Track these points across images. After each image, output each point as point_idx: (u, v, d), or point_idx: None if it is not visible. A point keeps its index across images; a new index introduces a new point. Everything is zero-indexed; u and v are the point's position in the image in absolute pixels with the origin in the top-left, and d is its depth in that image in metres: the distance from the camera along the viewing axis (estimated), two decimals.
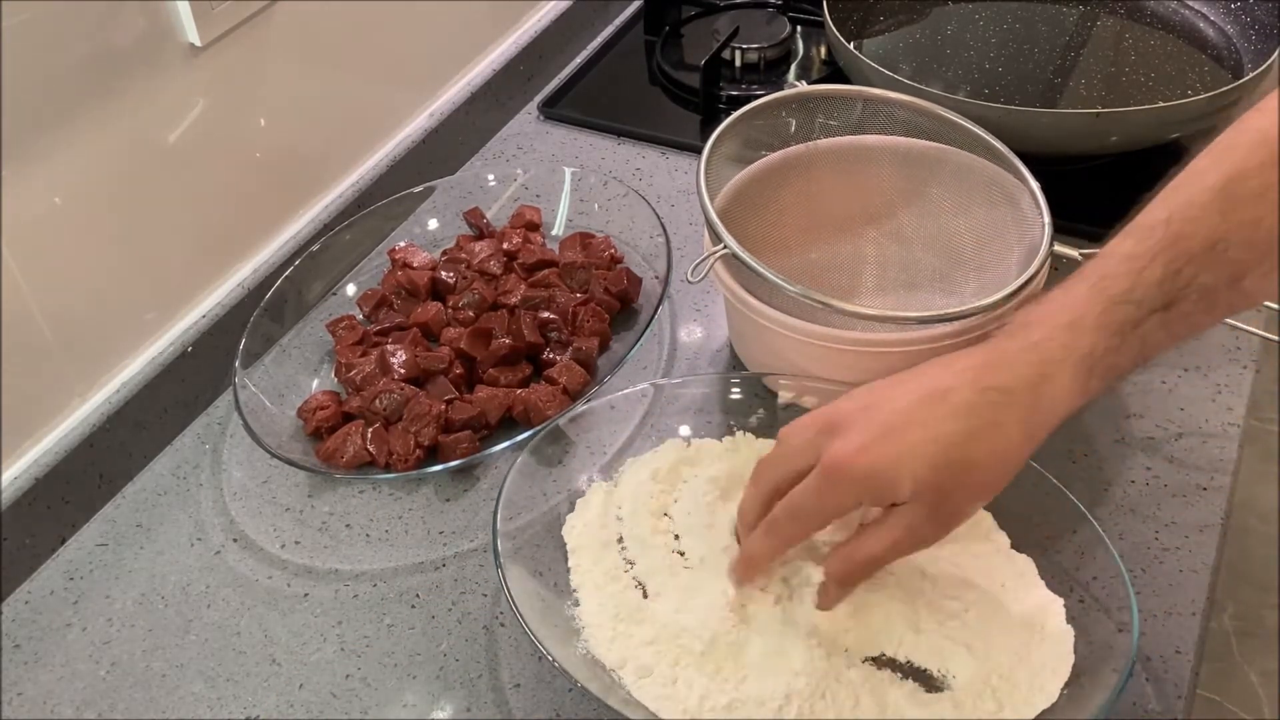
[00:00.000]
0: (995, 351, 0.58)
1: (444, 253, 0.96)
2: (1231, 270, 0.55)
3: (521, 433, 0.79)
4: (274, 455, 0.78)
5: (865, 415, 0.59)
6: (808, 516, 0.61)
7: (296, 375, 0.88)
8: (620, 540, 0.72)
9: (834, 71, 1.13)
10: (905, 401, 0.59)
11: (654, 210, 0.94)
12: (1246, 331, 0.81)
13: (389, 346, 0.85)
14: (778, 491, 0.62)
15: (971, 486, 0.58)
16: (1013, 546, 0.70)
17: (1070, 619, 0.66)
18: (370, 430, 0.80)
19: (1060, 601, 0.67)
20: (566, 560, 0.71)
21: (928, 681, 0.65)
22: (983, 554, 0.70)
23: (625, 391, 0.80)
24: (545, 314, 0.87)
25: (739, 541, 0.67)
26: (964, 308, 0.74)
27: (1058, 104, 1.01)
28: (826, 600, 0.64)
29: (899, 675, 0.65)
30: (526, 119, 1.16)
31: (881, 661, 0.66)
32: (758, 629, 0.65)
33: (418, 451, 0.79)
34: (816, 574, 0.65)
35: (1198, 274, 0.55)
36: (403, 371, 0.83)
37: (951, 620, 0.66)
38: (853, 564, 0.61)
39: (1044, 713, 0.62)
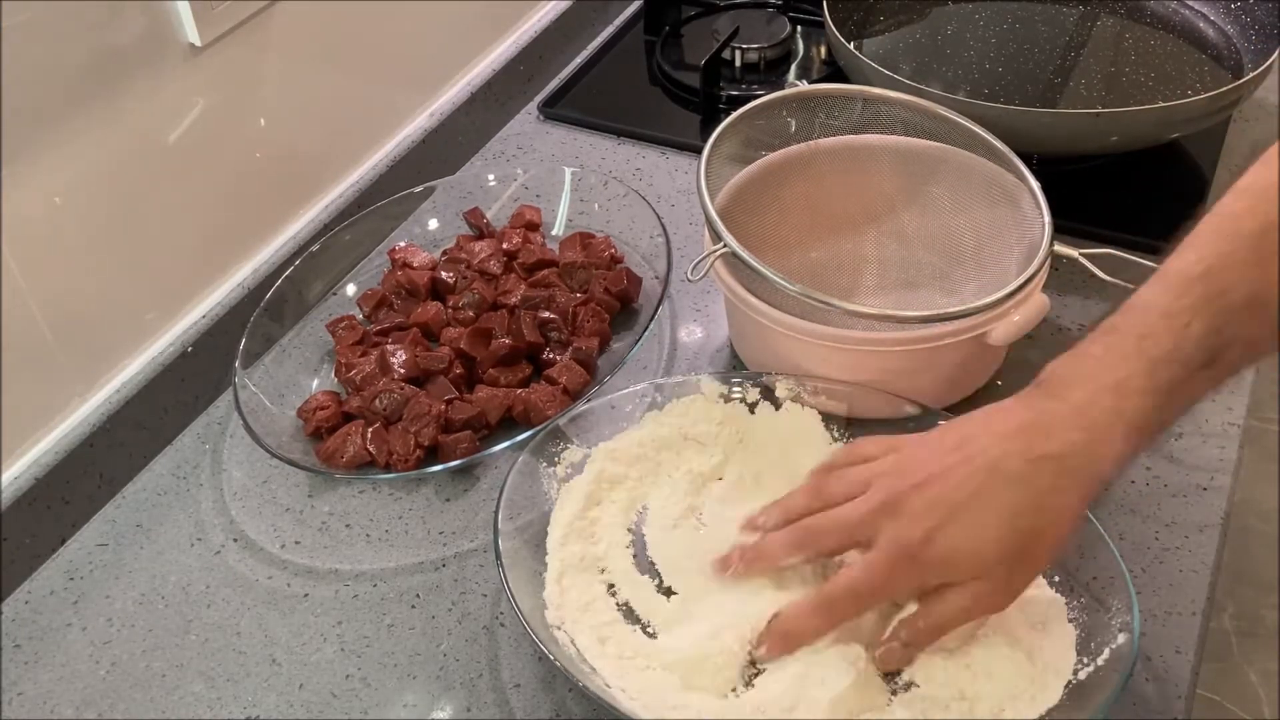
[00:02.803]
0: (1039, 414, 0.58)
1: (444, 253, 0.96)
2: (1276, 321, 0.54)
3: (521, 433, 0.79)
4: (274, 455, 0.78)
5: (923, 495, 0.59)
6: (867, 598, 0.61)
7: (296, 375, 0.88)
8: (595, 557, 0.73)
9: (834, 71, 1.13)
10: (960, 477, 0.58)
11: (654, 210, 0.94)
12: None
13: (389, 346, 0.85)
14: (814, 552, 0.63)
15: (1037, 553, 0.59)
16: None
17: (1070, 619, 0.66)
18: (370, 430, 0.80)
19: (1061, 601, 0.67)
20: None
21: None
22: None
23: (625, 391, 0.80)
24: (545, 314, 0.87)
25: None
26: (964, 307, 0.74)
27: (1058, 104, 1.01)
28: (890, 660, 0.63)
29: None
30: (526, 119, 1.16)
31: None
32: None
33: (418, 451, 0.79)
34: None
35: (1241, 329, 0.54)
36: (403, 371, 0.83)
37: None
38: (922, 632, 0.61)
39: (1045, 712, 0.62)
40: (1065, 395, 0.57)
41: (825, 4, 1.05)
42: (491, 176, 1.02)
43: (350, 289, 0.95)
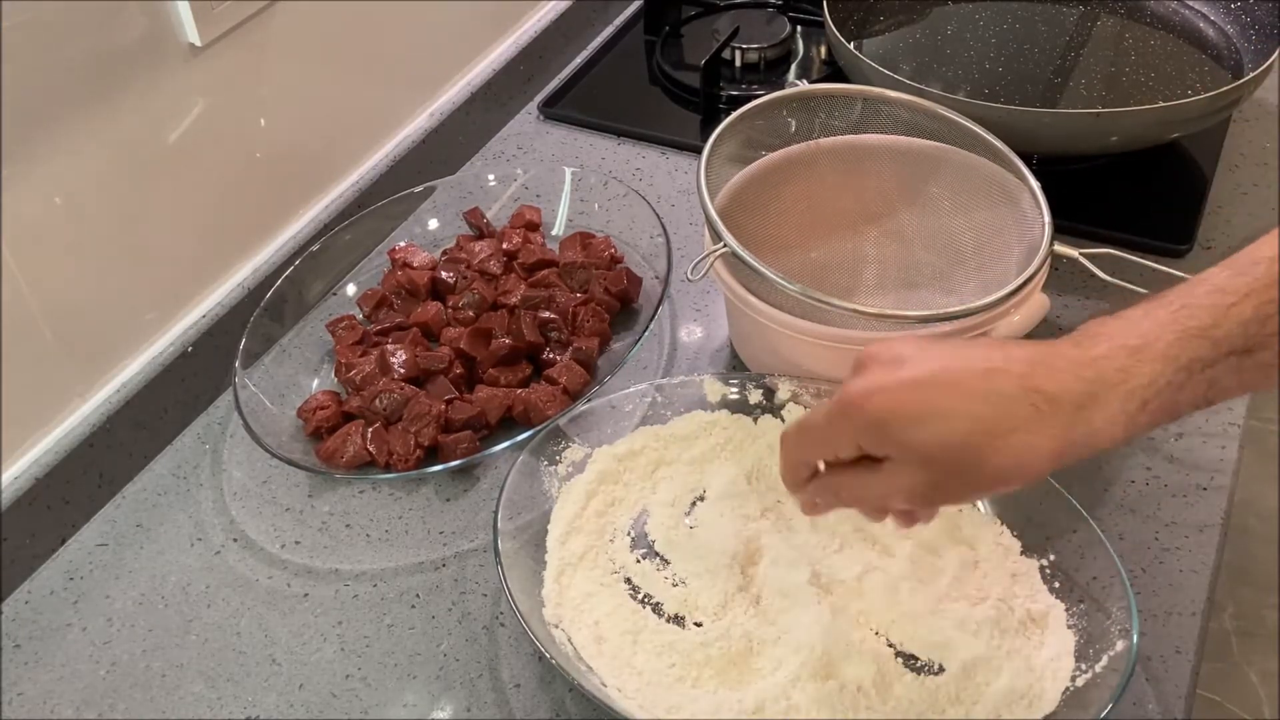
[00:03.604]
0: (1051, 353, 0.54)
1: (444, 253, 0.96)
2: None
3: (521, 433, 0.79)
4: (274, 455, 0.78)
5: (893, 361, 0.55)
6: (810, 434, 0.58)
7: (296, 375, 0.88)
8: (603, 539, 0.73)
9: (834, 71, 1.13)
10: (949, 365, 0.54)
11: (654, 210, 0.94)
12: None
13: (389, 346, 0.85)
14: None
15: (982, 478, 0.54)
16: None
17: (1070, 621, 0.66)
18: (370, 430, 0.80)
19: (1061, 605, 0.67)
20: None
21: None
22: (985, 557, 0.70)
23: (625, 391, 0.80)
24: (545, 314, 0.87)
25: None
26: (964, 307, 0.74)
27: (1058, 104, 1.01)
28: (806, 507, 0.61)
29: (901, 662, 0.66)
30: (526, 119, 1.16)
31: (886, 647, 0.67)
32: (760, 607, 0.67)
33: (418, 451, 0.79)
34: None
35: None
36: (403, 371, 0.83)
37: (953, 623, 0.66)
38: (837, 492, 0.58)
39: (1045, 715, 0.62)
40: (1085, 346, 0.54)
41: (825, 4, 1.05)
42: (491, 176, 1.02)
43: (350, 289, 0.95)
